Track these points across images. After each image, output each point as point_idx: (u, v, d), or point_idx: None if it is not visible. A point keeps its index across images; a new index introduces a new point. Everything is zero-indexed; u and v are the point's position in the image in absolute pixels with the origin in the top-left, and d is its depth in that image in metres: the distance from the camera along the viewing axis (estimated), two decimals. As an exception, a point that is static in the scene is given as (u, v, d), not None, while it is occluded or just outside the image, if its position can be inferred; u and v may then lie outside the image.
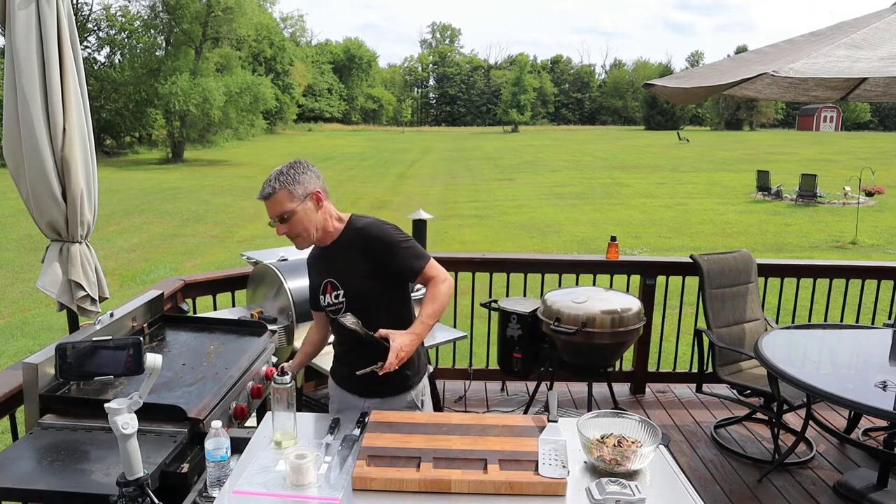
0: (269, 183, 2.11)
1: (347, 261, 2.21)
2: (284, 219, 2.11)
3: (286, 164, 2.16)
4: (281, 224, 2.13)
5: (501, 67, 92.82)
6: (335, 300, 2.25)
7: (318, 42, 79.56)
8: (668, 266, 4.47)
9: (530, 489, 1.58)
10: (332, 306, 2.26)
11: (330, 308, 2.27)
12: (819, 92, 4.05)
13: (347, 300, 2.23)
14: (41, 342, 6.51)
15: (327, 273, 2.26)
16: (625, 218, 15.11)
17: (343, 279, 2.23)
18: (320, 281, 2.28)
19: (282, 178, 2.11)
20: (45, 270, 2.48)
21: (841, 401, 2.70)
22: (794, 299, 4.52)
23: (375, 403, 2.25)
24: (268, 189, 2.10)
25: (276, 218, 2.12)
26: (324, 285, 2.27)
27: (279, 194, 2.10)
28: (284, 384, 1.81)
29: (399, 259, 2.18)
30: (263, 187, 2.11)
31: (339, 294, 2.24)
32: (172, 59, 31.72)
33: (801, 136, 54.77)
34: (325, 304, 2.28)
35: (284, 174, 2.12)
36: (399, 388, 2.30)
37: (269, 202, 2.11)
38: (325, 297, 2.27)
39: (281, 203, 2.10)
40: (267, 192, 2.10)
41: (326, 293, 2.27)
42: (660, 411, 4.20)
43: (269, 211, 2.13)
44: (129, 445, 1.59)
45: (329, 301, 2.26)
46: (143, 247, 11.82)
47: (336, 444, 1.83)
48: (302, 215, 2.12)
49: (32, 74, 2.27)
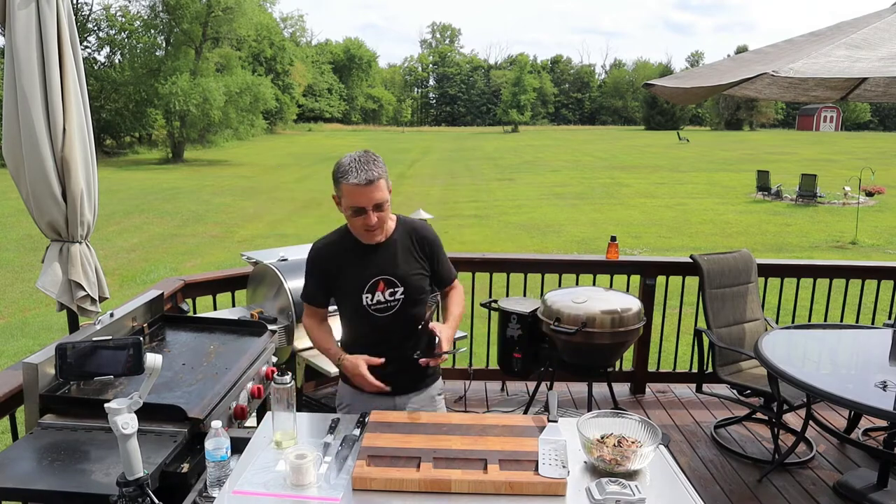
0: (369, 169, 1.98)
1: (405, 259, 2.18)
2: (381, 207, 2.02)
3: (366, 152, 2.04)
4: (374, 212, 2.02)
5: (501, 67, 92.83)
6: (389, 297, 2.16)
7: (318, 42, 79.66)
8: (668, 266, 4.47)
9: (530, 489, 1.58)
10: (382, 304, 2.16)
11: (379, 307, 2.15)
12: (819, 92, 4.05)
13: (405, 298, 2.17)
14: (41, 342, 6.51)
15: (379, 270, 2.15)
16: (625, 218, 15.11)
17: (403, 277, 2.16)
18: (364, 278, 2.14)
19: (379, 164, 2.01)
20: (45, 270, 2.47)
21: (841, 401, 2.70)
22: (794, 299, 4.52)
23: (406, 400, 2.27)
24: (375, 173, 1.97)
25: (374, 205, 2.01)
26: (374, 283, 2.14)
27: (381, 182, 2.00)
28: (284, 384, 1.81)
29: (442, 263, 2.29)
30: (367, 172, 1.97)
31: (398, 292, 2.16)
32: (172, 59, 31.72)
33: (801, 136, 54.77)
34: (374, 301, 2.15)
35: (378, 161, 2.02)
36: (429, 380, 2.35)
37: (372, 188, 1.98)
38: (375, 295, 2.14)
39: (381, 190, 2.00)
40: (374, 176, 1.97)
41: (377, 291, 2.14)
42: (660, 411, 4.20)
43: (367, 197, 1.98)
44: (129, 445, 1.59)
45: (380, 299, 2.15)
46: (143, 247, 11.82)
47: (336, 444, 1.83)
48: (389, 207, 2.08)
49: (32, 74, 2.27)
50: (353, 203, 2.01)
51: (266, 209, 16.36)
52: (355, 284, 2.15)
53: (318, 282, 2.21)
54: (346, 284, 2.17)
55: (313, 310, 2.30)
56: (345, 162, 2.02)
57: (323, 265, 2.19)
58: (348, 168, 1.99)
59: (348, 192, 2.00)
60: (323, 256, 2.20)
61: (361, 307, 2.16)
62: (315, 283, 2.22)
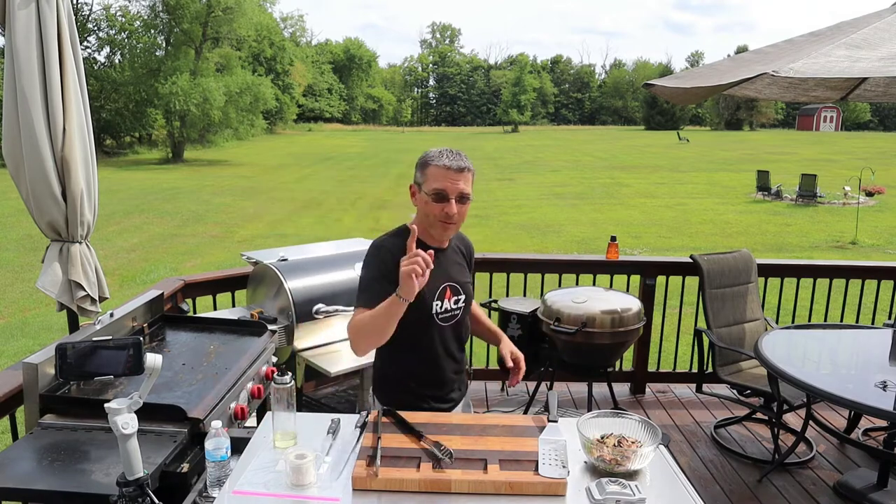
0: (461, 157, 1.96)
1: (460, 267, 2.18)
2: (463, 199, 1.97)
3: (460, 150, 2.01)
4: (457, 203, 1.96)
5: (501, 67, 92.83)
6: (454, 306, 2.11)
7: (318, 42, 79.69)
8: (668, 266, 4.47)
9: (530, 489, 1.58)
10: (449, 313, 2.10)
11: (445, 315, 2.09)
12: (819, 92, 4.05)
13: (465, 307, 2.16)
14: (41, 342, 6.51)
15: (444, 277, 2.07)
16: (625, 218, 15.11)
17: (464, 284, 2.15)
18: (433, 284, 2.01)
19: (469, 161, 2.00)
20: (45, 270, 2.47)
21: (841, 401, 2.70)
22: (794, 299, 4.52)
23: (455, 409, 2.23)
24: (465, 163, 1.96)
25: (459, 195, 1.95)
26: (442, 289, 2.07)
27: (470, 174, 1.98)
28: (284, 384, 1.81)
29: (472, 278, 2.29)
30: (458, 159, 1.95)
31: (461, 300, 2.13)
32: (172, 59, 31.72)
33: (801, 136, 54.78)
34: (442, 309, 2.07)
35: (469, 159, 2.01)
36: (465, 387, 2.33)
37: (461, 176, 1.94)
38: (443, 303, 2.07)
39: (468, 183, 1.98)
40: (464, 165, 1.95)
41: (445, 298, 2.08)
42: (660, 411, 4.20)
43: (453, 183, 1.93)
44: (129, 445, 1.59)
45: (447, 307, 2.09)
46: (143, 247, 11.82)
47: (336, 444, 1.83)
48: (468, 206, 2.03)
49: (32, 74, 2.27)
50: (439, 186, 1.93)
51: (266, 209, 16.36)
52: (425, 291, 1.95)
53: (388, 284, 1.90)
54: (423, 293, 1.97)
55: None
56: (435, 149, 2.00)
57: (394, 265, 1.88)
58: (439, 153, 1.97)
59: (435, 175, 1.94)
60: (391, 251, 1.97)
61: (430, 316, 2.04)
62: (384, 286, 1.92)
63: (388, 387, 2.17)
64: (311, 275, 3.40)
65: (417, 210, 2.05)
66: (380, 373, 2.21)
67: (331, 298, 3.33)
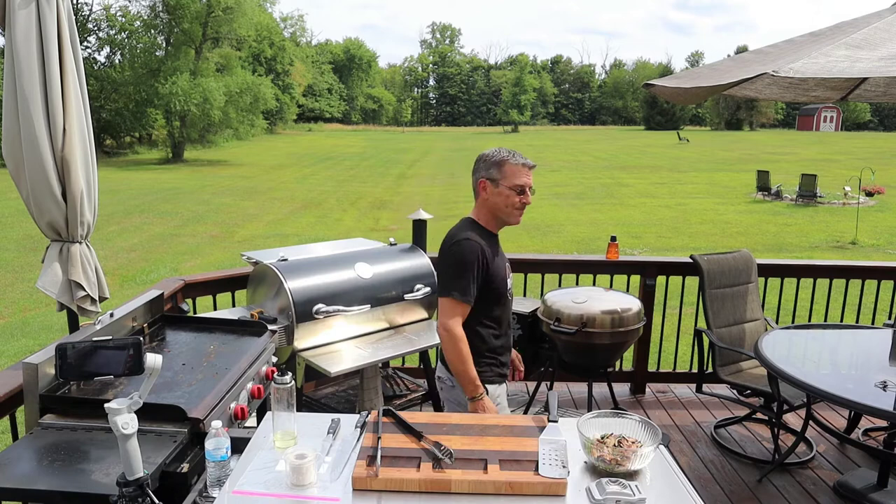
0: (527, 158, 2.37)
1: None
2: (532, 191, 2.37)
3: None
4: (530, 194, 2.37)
5: (501, 67, 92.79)
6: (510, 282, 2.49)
7: (318, 42, 79.66)
8: (668, 266, 4.47)
9: (530, 489, 1.58)
10: (511, 287, 2.50)
11: (511, 289, 2.48)
12: (819, 92, 4.05)
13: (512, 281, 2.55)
14: (41, 342, 6.51)
15: (504, 257, 2.46)
16: (625, 218, 15.11)
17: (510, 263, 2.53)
18: (504, 263, 2.43)
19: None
20: (45, 270, 2.47)
21: (841, 401, 2.70)
22: (794, 299, 4.52)
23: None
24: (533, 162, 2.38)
25: (531, 188, 2.36)
26: (508, 267, 2.46)
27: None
28: (285, 384, 1.81)
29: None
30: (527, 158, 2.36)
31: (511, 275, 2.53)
32: (172, 59, 31.71)
33: (801, 136, 54.78)
34: (511, 285, 2.48)
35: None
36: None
37: (531, 172, 2.36)
38: (510, 279, 2.47)
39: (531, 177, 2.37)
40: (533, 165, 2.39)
41: (510, 274, 2.48)
42: (660, 411, 4.20)
43: (529, 178, 2.35)
44: (129, 445, 1.59)
45: (512, 282, 2.51)
46: (143, 247, 11.82)
47: (336, 444, 1.83)
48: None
49: (32, 74, 2.27)
50: (520, 181, 2.32)
51: (266, 209, 16.36)
52: (503, 272, 2.40)
53: (479, 272, 2.32)
54: (497, 271, 2.37)
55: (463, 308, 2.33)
56: (499, 150, 2.36)
57: (483, 255, 2.32)
58: (510, 153, 2.34)
59: (514, 172, 2.32)
60: (480, 245, 2.33)
61: (507, 291, 2.43)
62: (476, 276, 2.32)
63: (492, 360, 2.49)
64: (311, 275, 3.40)
65: (486, 202, 2.37)
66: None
67: (331, 298, 3.33)
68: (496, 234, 2.44)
